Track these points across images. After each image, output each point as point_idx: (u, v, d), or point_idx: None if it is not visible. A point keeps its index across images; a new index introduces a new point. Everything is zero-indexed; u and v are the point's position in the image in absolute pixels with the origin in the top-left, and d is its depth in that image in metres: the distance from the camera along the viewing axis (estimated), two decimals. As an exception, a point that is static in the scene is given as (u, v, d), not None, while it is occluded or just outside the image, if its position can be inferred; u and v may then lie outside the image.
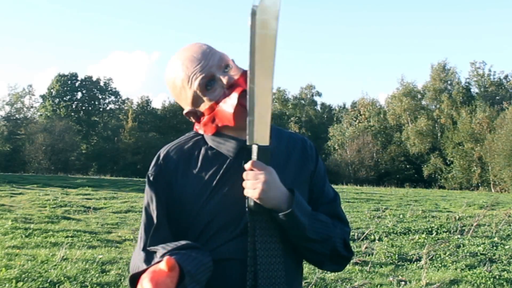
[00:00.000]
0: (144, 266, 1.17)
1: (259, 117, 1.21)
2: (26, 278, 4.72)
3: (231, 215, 1.25)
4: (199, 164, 1.30)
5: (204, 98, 1.27)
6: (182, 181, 1.28)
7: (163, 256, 1.15)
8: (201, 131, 1.34)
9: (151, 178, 1.31)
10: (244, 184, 1.21)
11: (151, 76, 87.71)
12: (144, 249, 1.26)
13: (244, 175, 1.21)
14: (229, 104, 1.24)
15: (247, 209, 1.23)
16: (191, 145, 1.34)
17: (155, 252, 1.22)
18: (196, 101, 1.30)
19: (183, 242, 1.20)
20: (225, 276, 1.24)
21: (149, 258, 1.22)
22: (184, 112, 1.35)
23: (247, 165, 1.21)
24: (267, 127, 1.22)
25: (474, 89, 43.98)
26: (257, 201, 1.19)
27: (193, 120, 1.36)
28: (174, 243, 1.21)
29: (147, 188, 1.32)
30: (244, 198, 1.23)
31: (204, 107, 1.30)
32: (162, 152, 1.34)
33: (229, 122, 1.25)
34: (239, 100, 1.23)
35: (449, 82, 43.00)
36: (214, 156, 1.30)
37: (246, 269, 1.23)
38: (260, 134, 1.21)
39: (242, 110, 1.23)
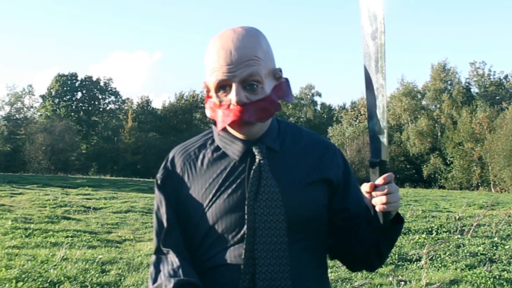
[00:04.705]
0: (153, 275, 1.24)
1: (386, 135, 1.18)
2: (26, 278, 4.72)
3: (233, 220, 1.23)
4: (204, 167, 1.28)
5: (214, 95, 1.25)
6: (188, 185, 1.28)
7: None
8: (207, 114, 1.30)
9: (159, 182, 1.32)
10: (389, 198, 1.16)
11: (152, 76, 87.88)
12: (155, 253, 1.30)
13: (391, 186, 1.17)
14: (223, 119, 1.22)
15: (381, 219, 1.20)
16: (198, 146, 1.33)
17: (167, 254, 1.27)
18: (208, 88, 1.27)
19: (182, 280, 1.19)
20: (225, 282, 1.22)
21: (158, 262, 1.26)
22: (202, 81, 1.31)
23: (380, 180, 1.17)
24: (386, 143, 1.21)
25: (474, 89, 44.01)
26: (393, 213, 1.19)
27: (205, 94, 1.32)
28: (175, 279, 1.20)
29: (156, 191, 1.32)
30: (244, 201, 1.21)
31: (211, 99, 1.27)
32: (170, 155, 1.34)
33: (217, 128, 1.25)
34: (232, 124, 1.22)
35: (449, 82, 43.01)
36: (219, 158, 1.28)
37: (245, 276, 1.21)
38: (386, 151, 1.19)
39: (232, 126, 1.24)
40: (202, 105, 50.76)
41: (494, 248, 6.91)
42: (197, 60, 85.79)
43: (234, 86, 1.18)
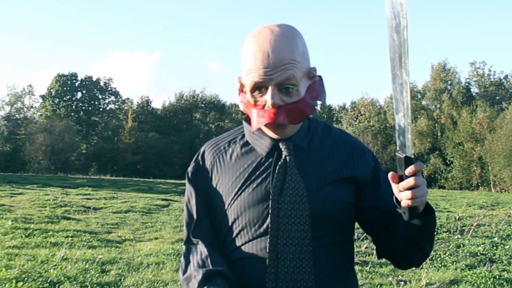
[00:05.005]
0: (183, 265, 1.29)
1: (411, 132, 1.17)
2: (26, 278, 4.72)
3: (257, 213, 1.25)
4: (232, 161, 1.32)
5: (248, 94, 1.25)
6: (216, 178, 1.32)
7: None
8: (241, 108, 1.32)
9: (189, 175, 1.36)
10: (414, 192, 1.13)
11: (153, 76, 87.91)
12: (186, 243, 1.34)
13: (413, 181, 1.13)
14: (258, 120, 1.23)
15: (405, 215, 1.17)
16: (228, 141, 1.37)
17: (196, 244, 1.31)
18: (242, 84, 1.27)
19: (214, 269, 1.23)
20: (247, 275, 1.25)
21: (188, 253, 1.31)
22: (237, 76, 1.32)
23: (407, 172, 1.14)
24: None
25: (474, 89, 44.00)
26: (420, 208, 1.17)
27: (239, 87, 1.33)
28: (205, 269, 1.23)
29: (187, 184, 1.37)
30: (269, 196, 1.24)
31: (245, 94, 1.28)
32: (202, 149, 1.39)
33: (252, 128, 1.27)
34: (267, 125, 1.26)
35: (449, 82, 43.01)
36: (247, 153, 1.32)
37: (270, 269, 1.23)
38: (411, 147, 1.17)
39: (266, 126, 1.27)
40: (202, 105, 50.83)
41: (494, 248, 6.91)
42: (197, 60, 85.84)
43: (270, 88, 1.20)
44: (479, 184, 36.10)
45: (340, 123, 47.56)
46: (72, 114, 48.86)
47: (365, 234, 7.43)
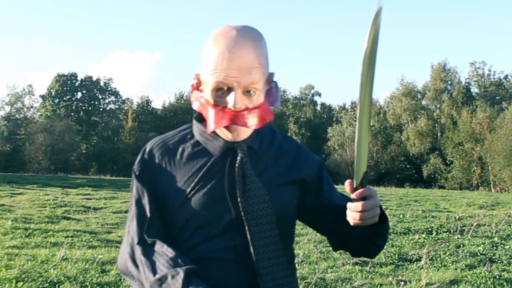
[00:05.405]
0: (149, 266, 1.20)
1: (365, 154, 1.20)
2: (26, 278, 4.72)
3: (212, 214, 1.24)
4: (183, 160, 1.29)
5: (209, 93, 1.23)
6: (165, 177, 1.28)
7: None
8: (194, 106, 1.30)
9: (137, 173, 1.31)
10: (362, 216, 1.18)
11: (152, 76, 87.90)
12: (139, 243, 1.26)
13: (365, 205, 1.17)
14: (217, 121, 1.22)
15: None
16: (177, 140, 1.33)
17: (153, 244, 1.25)
18: (204, 84, 1.25)
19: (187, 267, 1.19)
20: (208, 276, 1.23)
21: (148, 253, 1.23)
22: (195, 73, 1.30)
23: (357, 194, 1.18)
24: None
25: (474, 89, 44.04)
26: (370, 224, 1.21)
27: (193, 85, 1.31)
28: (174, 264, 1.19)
29: (135, 182, 1.32)
30: (225, 196, 1.24)
31: (204, 94, 1.26)
32: (148, 146, 1.34)
33: (208, 128, 1.25)
34: (225, 127, 1.24)
35: (449, 82, 43.03)
36: (199, 153, 1.30)
37: (228, 268, 1.23)
38: (364, 164, 1.20)
39: (222, 128, 1.25)
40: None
41: (494, 248, 6.91)
42: (197, 60, 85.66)
43: (234, 91, 1.19)
44: (479, 184, 36.10)
45: (340, 123, 47.54)
46: (72, 114, 48.87)
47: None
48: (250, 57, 1.18)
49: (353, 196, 1.18)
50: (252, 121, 1.22)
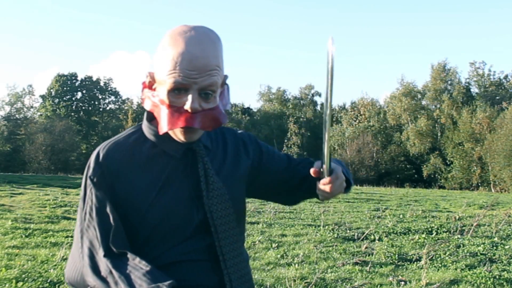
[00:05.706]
0: (124, 280, 1.13)
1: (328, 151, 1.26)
2: (26, 278, 4.72)
3: (181, 218, 1.23)
4: (142, 164, 1.24)
5: (164, 93, 1.19)
6: (125, 182, 1.22)
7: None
8: (146, 106, 1.25)
9: (94, 180, 1.22)
10: (332, 187, 1.26)
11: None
12: (107, 255, 1.18)
13: (331, 180, 1.25)
14: (171, 122, 1.19)
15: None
16: (132, 142, 1.27)
17: (123, 256, 1.18)
18: (159, 84, 1.21)
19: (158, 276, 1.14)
20: (184, 278, 1.22)
21: (120, 265, 1.16)
22: (148, 72, 1.26)
23: (327, 180, 1.26)
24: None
25: (474, 89, 44.04)
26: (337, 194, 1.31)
27: (145, 82, 1.27)
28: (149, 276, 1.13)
29: (92, 190, 1.22)
30: (192, 197, 1.24)
31: (158, 94, 1.22)
32: (101, 151, 1.25)
33: (160, 129, 1.21)
34: (182, 129, 1.21)
35: (449, 82, 43.03)
36: (157, 155, 1.26)
37: (203, 267, 1.24)
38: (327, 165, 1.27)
39: (176, 130, 1.23)
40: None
41: (494, 248, 6.91)
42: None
43: (191, 92, 1.17)
44: (479, 184, 36.11)
45: (340, 123, 47.55)
46: (72, 114, 48.88)
47: (365, 234, 7.44)
48: (209, 58, 1.16)
49: (324, 181, 1.26)
50: (207, 123, 1.20)
